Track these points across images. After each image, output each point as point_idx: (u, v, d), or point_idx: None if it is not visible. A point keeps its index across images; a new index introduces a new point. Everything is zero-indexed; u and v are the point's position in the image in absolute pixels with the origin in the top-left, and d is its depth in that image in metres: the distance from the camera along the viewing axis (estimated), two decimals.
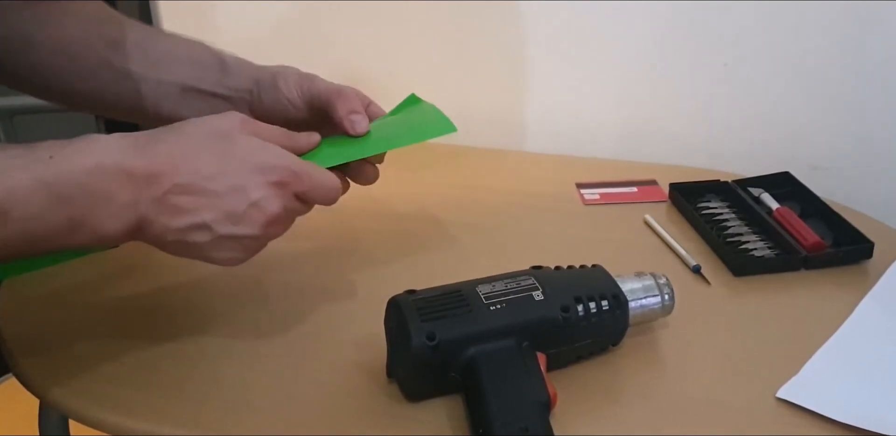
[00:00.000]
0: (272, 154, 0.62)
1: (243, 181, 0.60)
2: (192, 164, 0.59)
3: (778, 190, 0.92)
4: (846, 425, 0.61)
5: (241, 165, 0.60)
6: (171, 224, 0.59)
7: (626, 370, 0.68)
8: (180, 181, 0.58)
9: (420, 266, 0.82)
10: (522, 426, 0.58)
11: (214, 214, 0.59)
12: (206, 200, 0.59)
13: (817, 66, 0.99)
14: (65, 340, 0.71)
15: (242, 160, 0.60)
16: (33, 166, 0.55)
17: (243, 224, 0.60)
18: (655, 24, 1.02)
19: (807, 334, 0.72)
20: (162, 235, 0.60)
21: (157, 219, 0.59)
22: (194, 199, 0.59)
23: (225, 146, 0.60)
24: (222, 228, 0.60)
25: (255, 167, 0.60)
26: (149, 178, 0.58)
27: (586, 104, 1.10)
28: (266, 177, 0.60)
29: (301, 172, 0.62)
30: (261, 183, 0.60)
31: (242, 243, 0.61)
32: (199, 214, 0.59)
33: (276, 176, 0.61)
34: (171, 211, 0.59)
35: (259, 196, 0.60)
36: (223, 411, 0.64)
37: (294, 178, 0.62)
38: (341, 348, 0.70)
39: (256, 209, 0.60)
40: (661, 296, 0.69)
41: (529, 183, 1.00)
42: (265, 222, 0.61)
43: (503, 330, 0.62)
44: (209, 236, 0.60)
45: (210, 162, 0.59)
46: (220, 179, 0.59)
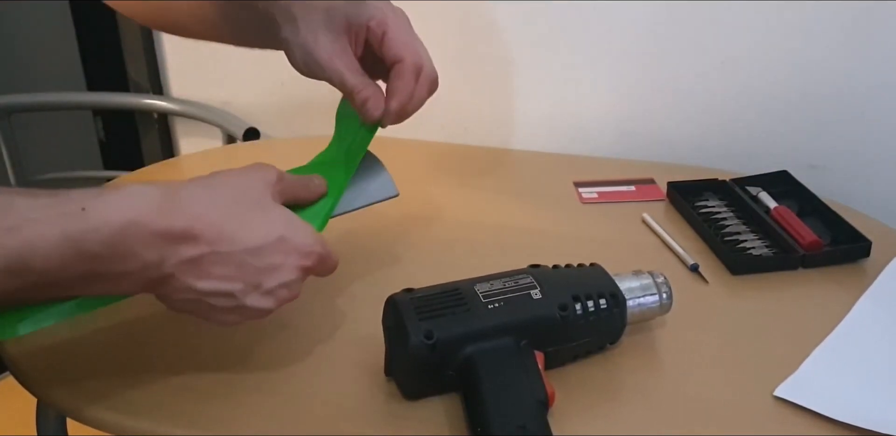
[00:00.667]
0: (311, 239, 0.61)
1: (281, 261, 0.60)
2: (236, 234, 0.58)
3: (776, 189, 0.92)
4: (843, 423, 0.62)
5: (280, 245, 0.59)
6: (196, 285, 0.58)
7: (623, 369, 0.68)
8: (220, 249, 0.57)
9: (418, 265, 0.82)
10: (520, 425, 0.58)
11: (245, 286, 0.59)
12: (242, 272, 0.58)
13: (815, 65, 0.99)
14: (62, 338, 0.71)
15: (282, 240, 0.60)
16: (62, 221, 0.53)
17: (267, 299, 0.60)
18: (653, 23, 1.02)
19: (804, 333, 0.72)
20: (181, 292, 0.59)
21: (183, 278, 0.57)
22: (230, 269, 0.58)
23: (266, 218, 0.60)
24: (247, 300, 0.59)
25: (295, 250, 0.60)
26: (184, 238, 0.56)
27: (584, 103, 1.10)
28: (301, 261, 0.61)
29: (325, 257, 0.63)
30: (296, 266, 0.60)
31: (253, 313, 0.61)
32: (230, 283, 0.58)
33: (311, 261, 0.61)
34: (202, 274, 0.58)
35: (291, 279, 0.60)
36: (221, 409, 0.64)
37: (321, 264, 0.63)
38: (339, 346, 0.70)
39: (285, 289, 0.61)
40: (659, 295, 0.69)
41: (527, 181, 1.00)
42: (286, 300, 0.62)
43: (501, 329, 0.62)
44: (231, 303, 0.60)
45: (252, 235, 0.58)
46: (260, 254, 0.59)
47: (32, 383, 0.67)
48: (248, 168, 0.63)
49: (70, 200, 0.54)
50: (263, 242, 0.59)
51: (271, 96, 1.24)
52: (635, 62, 1.05)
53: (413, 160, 1.06)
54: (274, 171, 0.63)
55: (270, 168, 0.63)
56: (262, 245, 0.59)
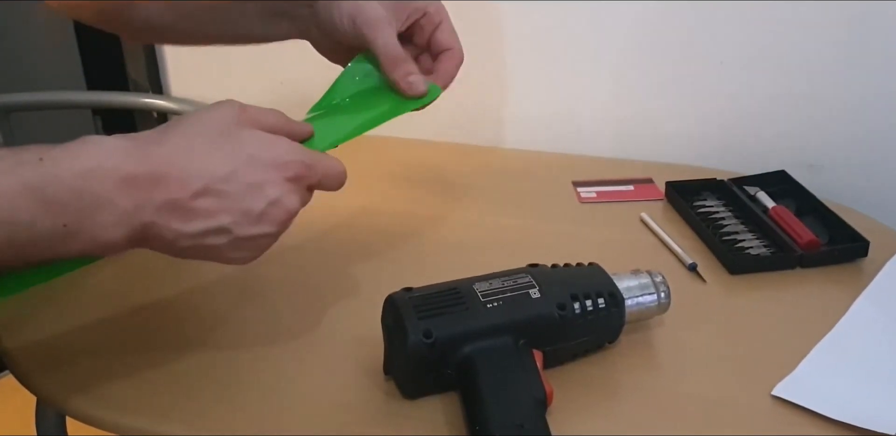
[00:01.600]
0: (284, 148, 0.59)
1: (259, 178, 0.57)
2: (203, 166, 0.56)
3: (774, 188, 0.93)
4: (841, 422, 0.62)
5: (254, 162, 0.57)
6: (184, 229, 0.56)
7: (622, 368, 0.68)
8: (191, 186, 0.55)
9: (417, 264, 0.82)
10: (519, 424, 0.58)
11: (233, 216, 0.57)
12: (223, 202, 0.56)
13: (813, 65, 0.99)
14: (62, 338, 0.71)
15: (254, 157, 0.57)
16: (20, 169, 0.52)
17: (263, 223, 0.58)
18: (652, 22, 1.02)
19: (802, 332, 0.72)
20: (174, 241, 0.57)
21: (168, 225, 0.56)
22: (210, 201, 0.56)
23: (233, 143, 0.58)
24: (241, 230, 0.57)
25: (270, 163, 0.58)
26: (154, 182, 0.54)
27: (583, 102, 1.10)
28: (282, 173, 0.58)
29: (313, 164, 0.60)
30: (278, 180, 0.58)
31: (259, 243, 0.60)
32: (216, 218, 0.56)
33: (293, 171, 0.59)
34: (184, 216, 0.56)
35: (278, 193, 0.58)
36: (220, 408, 0.64)
37: (308, 171, 0.60)
38: (338, 345, 0.70)
39: (276, 207, 0.58)
40: (658, 294, 0.69)
41: (526, 181, 1.00)
42: (285, 219, 0.59)
43: (500, 328, 0.62)
44: (227, 239, 0.58)
45: (222, 162, 0.56)
46: (234, 178, 0.56)
47: (32, 381, 0.67)
48: (207, 106, 0.61)
49: (26, 151, 0.53)
50: (233, 166, 0.56)
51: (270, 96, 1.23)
52: (634, 62, 1.05)
53: (412, 160, 1.06)
54: (234, 103, 0.60)
55: (230, 101, 0.61)
56: (232, 169, 0.56)
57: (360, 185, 0.98)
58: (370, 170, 1.03)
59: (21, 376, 0.68)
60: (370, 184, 0.99)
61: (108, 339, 0.71)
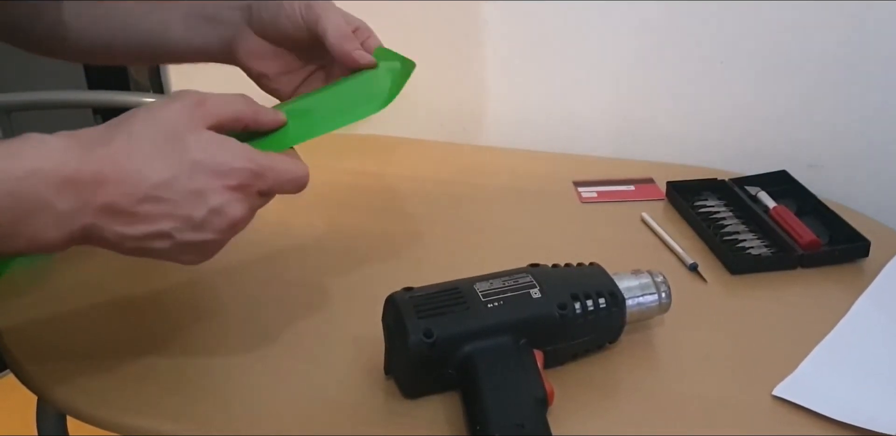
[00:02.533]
0: (229, 154, 0.57)
1: (200, 186, 0.55)
2: (145, 170, 0.54)
3: (775, 188, 0.93)
4: (842, 423, 0.62)
5: (195, 169, 0.55)
6: (126, 232, 0.55)
7: (622, 368, 0.68)
8: (129, 190, 0.54)
9: (417, 263, 0.83)
10: (519, 423, 0.58)
11: (173, 222, 0.55)
12: (163, 207, 0.55)
13: (815, 65, 0.99)
14: (63, 337, 0.71)
15: (196, 164, 0.55)
16: None
17: (204, 230, 0.57)
18: (653, 22, 1.02)
19: (803, 333, 0.72)
20: (118, 243, 0.56)
21: (109, 227, 0.55)
22: (151, 207, 0.55)
23: (175, 148, 0.55)
24: (183, 236, 0.56)
25: (212, 171, 0.56)
26: (95, 184, 0.53)
27: (584, 102, 1.10)
28: (224, 181, 0.56)
29: (262, 171, 0.58)
30: (219, 188, 0.56)
31: (203, 248, 0.58)
32: (156, 223, 0.55)
33: (236, 180, 0.56)
34: (125, 219, 0.55)
35: (219, 202, 0.56)
36: (220, 408, 0.64)
37: (255, 178, 0.58)
38: (339, 345, 0.70)
39: (217, 215, 0.56)
40: (658, 294, 0.69)
41: (527, 181, 1.00)
42: (228, 227, 0.57)
43: (500, 327, 0.62)
44: (169, 243, 0.56)
45: (161, 168, 0.55)
46: (173, 185, 0.55)
47: (33, 381, 0.67)
48: (163, 101, 0.58)
49: None
50: (175, 172, 0.55)
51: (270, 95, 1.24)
52: (636, 62, 1.05)
53: (412, 159, 1.06)
54: (190, 97, 0.58)
55: (186, 94, 0.58)
56: (173, 175, 0.55)
57: (361, 184, 0.98)
58: (371, 170, 1.03)
59: (22, 376, 0.68)
60: (371, 183, 0.99)
61: (109, 339, 0.71)
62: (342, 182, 0.99)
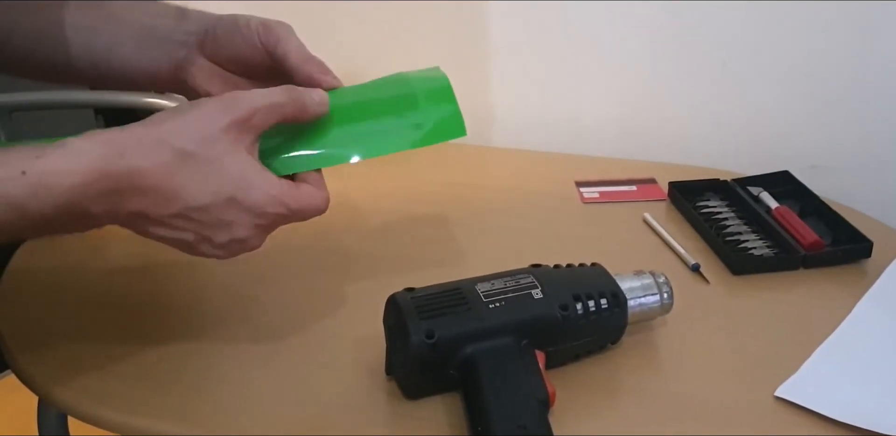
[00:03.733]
0: (264, 197, 0.59)
1: (231, 218, 0.58)
2: (179, 193, 0.57)
3: (777, 189, 0.92)
4: (844, 424, 0.62)
5: (229, 206, 0.58)
6: (150, 231, 0.59)
7: (624, 369, 0.68)
8: (163, 205, 0.57)
9: (419, 264, 0.82)
10: (521, 424, 0.58)
11: (195, 237, 0.59)
12: (190, 225, 0.58)
13: (817, 65, 0.99)
14: (64, 337, 0.71)
15: (234, 199, 0.58)
16: (2, 184, 0.52)
17: (222, 250, 0.61)
18: (654, 22, 1.02)
19: (805, 333, 0.72)
20: (143, 234, 0.60)
21: (136, 226, 0.59)
22: (178, 222, 0.58)
23: (215, 175, 0.57)
24: (201, 248, 0.60)
25: (248, 210, 0.59)
26: (132, 195, 0.56)
27: (586, 102, 1.10)
28: (256, 220, 0.59)
29: (291, 214, 0.61)
30: (249, 224, 0.59)
31: (218, 257, 0.62)
32: (181, 234, 0.59)
33: (266, 221, 0.60)
34: (153, 224, 0.58)
35: (245, 235, 0.60)
36: (221, 408, 0.64)
37: (284, 220, 0.61)
38: (340, 345, 0.70)
39: (239, 244, 0.60)
40: (660, 294, 0.69)
41: (528, 181, 1.00)
42: (240, 251, 0.62)
43: (502, 328, 0.62)
44: (188, 248, 0.61)
45: (198, 195, 0.57)
46: (207, 212, 0.58)
47: (34, 381, 0.67)
48: (210, 107, 0.59)
49: (10, 162, 0.52)
50: (210, 202, 0.57)
51: None
52: (637, 62, 1.05)
53: (414, 160, 1.06)
54: (234, 108, 0.59)
55: (232, 103, 0.59)
56: (207, 204, 0.57)
57: (362, 185, 0.98)
58: (373, 170, 1.02)
59: (23, 376, 0.68)
60: (372, 184, 0.99)
61: (111, 339, 0.71)
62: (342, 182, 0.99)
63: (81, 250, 0.84)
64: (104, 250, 0.84)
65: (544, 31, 1.07)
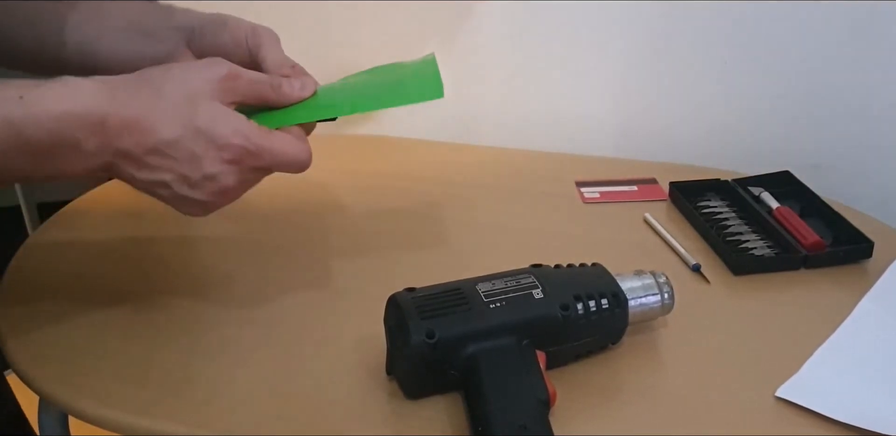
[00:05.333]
0: (229, 129, 0.61)
1: (199, 153, 0.61)
2: (155, 125, 0.60)
3: (778, 189, 0.92)
4: (845, 424, 0.62)
5: (197, 135, 0.61)
6: (136, 175, 0.61)
7: (625, 369, 0.68)
8: (143, 141, 0.60)
9: (419, 264, 0.82)
10: (521, 424, 0.58)
11: (172, 175, 0.61)
12: (166, 162, 0.61)
13: (817, 65, 0.99)
14: (64, 336, 0.71)
15: (198, 130, 0.61)
16: (1, 105, 0.56)
17: (197, 190, 0.62)
18: (655, 22, 1.02)
19: (806, 333, 0.72)
20: (130, 181, 0.62)
21: (124, 168, 0.61)
22: (156, 159, 0.61)
23: (188, 112, 0.61)
24: (179, 189, 0.62)
25: (211, 142, 0.61)
26: (119, 129, 0.59)
27: (586, 102, 1.10)
28: (221, 153, 0.61)
29: (258, 150, 0.62)
30: (216, 158, 0.61)
31: (199, 205, 0.64)
32: (159, 173, 0.61)
33: (230, 154, 0.61)
34: (137, 164, 0.61)
35: (214, 171, 0.61)
36: (222, 408, 0.64)
37: (249, 156, 0.62)
38: (341, 345, 0.70)
39: (210, 181, 0.62)
40: (661, 295, 0.69)
41: (529, 181, 1.00)
42: (218, 192, 0.63)
43: (503, 328, 0.62)
44: (169, 193, 0.63)
45: (172, 127, 0.60)
46: (177, 146, 0.60)
47: (35, 381, 0.67)
48: (199, 63, 0.65)
49: (9, 87, 0.57)
50: (181, 133, 0.60)
51: None
52: (637, 62, 1.05)
53: (414, 159, 1.06)
54: (224, 67, 0.63)
55: (221, 64, 0.64)
56: (178, 136, 0.60)
57: (361, 184, 0.98)
58: (372, 169, 1.03)
59: (24, 376, 0.68)
60: (372, 183, 0.99)
61: (112, 339, 0.71)
62: (343, 182, 0.99)
63: (82, 250, 0.84)
64: (104, 251, 0.84)
65: (545, 30, 1.07)
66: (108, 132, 0.59)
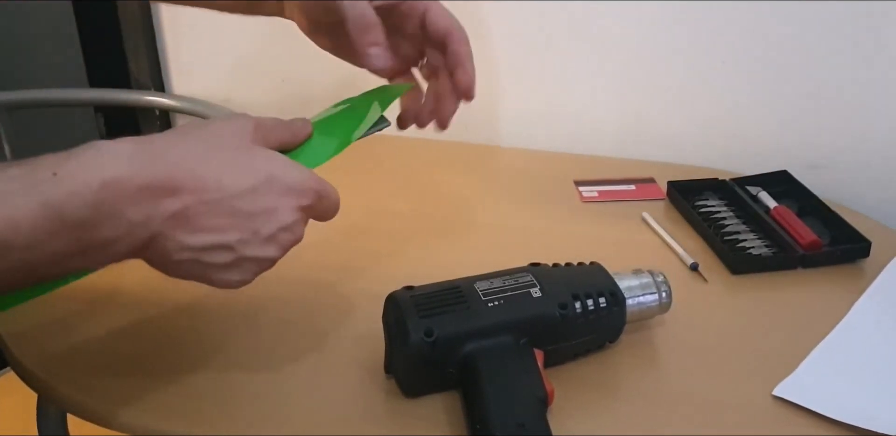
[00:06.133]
0: (299, 174, 0.57)
1: (275, 203, 0.56)
2: (221, 178, 0.54)
3: (776, 188, 0.93)
4: (842, 423, 0.62)
5: (271, 186, 0.55)
6: (188, 241, 0.54)
7: (623, 368, 0.68)
8: (206, 198, 0.53)
9: (418, 262, 0.82)
10: (520, 423, 0.58)
11: (242, 234, 0.55)
12: (235, 220, 0.55)
13: (816, 65, 0.99)
14: (64, 334, 0.71)
15: (272, 179, 0.56)
16: (37, 189, 0.49)
17: (270, 247, 0.57)
18: (654, 22, 1.02)
19: (803, 333, 0.72)
20: (175, 252, 0.55)
21: (173, 235, 0.54)
22: (222, 219, 0.54)
23: (250, 161, 0.56)
24: (248, 250, 0.56)
25: (287, 189, 0.56)
26: (166, 191, 0.52)
27: (585, 102, 1.10)
28: (298, 200, 0.57)
29: (323, 193, 0.59)
30: (293, 206, 0.57)
31: (261, 265, 0.58)
32: (224, 234, 0.55)
33: (308, 200, 0.58)
34: (193, 228, 0.54)
35: (291, 220, 0.57)
36: (220, 406, 0.64)
37: (318, 200, 0.59)
38: (339, 343, 0.70)
39: (287, 232, 0.57)
40: (659, 294, 0.69)
41: (527, 180, 1.00)
42: (290, 245, 0.58)
43: (501, 327, 0.63)
44: (230, 257, 0.56)
45: (241, 177, 0.54)
46: (250, 198, 0.55)
47: (34, 378, 0.67)
48: (223, 117, 0.59)
49: (40, 167, 0.50)
50: (253, 184, 0.55)
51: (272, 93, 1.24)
52: (636, 61, 1.05)
53: (414, 158, 1.06)
54: (251, 118, 0.59)
55: (246, 116, 0.59)
56: (251, 187, 0.55)
57: (361, 183, 0.98)
58: (371, 168, 1.03)
59: (22, 374, 0.68)
60: (371, 182, 0.99)
61: (109, 336, 0.71)
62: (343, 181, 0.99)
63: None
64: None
65: (545, 30, 1.07)
66: (156, 195, 0.52)
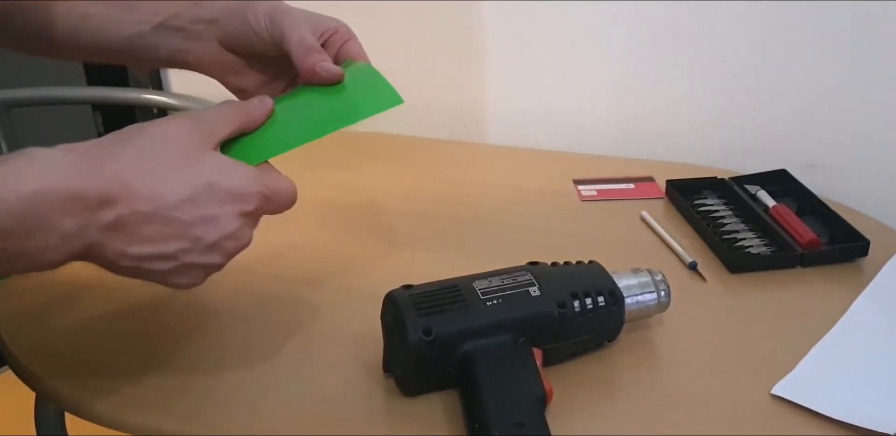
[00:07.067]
0: (241, 179, 0.56)
1: (216, 211, 0.55)
2: (154, 188, 0.53)
3: (774, 187, 0.93)
4: (840, 422, 0.62)
5: (210, 194, 0.55)
6: (128, 251, 0.54)
7: (621, 366, 0.68)
8: (142, 208, 0.53)
9: (416, 261, 0.82)
10: (518, 422, 0.58)
11: (182, 244, 0.55)
12: (173, 230, 0.54)
13: (815, 64, 0.99)
14: (62, 333, 0.71)
15: (211, 187, 0.55)
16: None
17: (214, 254, 0.56)
18: (653, 21, 1.02)
19: (802, 332, 0.72)
20: (115, 260, 0.55)
21: (110, 245, 0.53)
22: (160, 228, 0.54)
23: (187, 167, 0.55)
24: (190, 258, 0.56)
25: (228, 195, 0.55)
26: (101, 202, 0.52)
27: (584, 101, 1.10)
28: (240, 206, 0.56)
29: (270, 195, 0.58)
30: (234, 214, 0.56)
31: (207, 270, 0.58)
32: (165, 244, 0.54)
33: (251, 205, 0.57)
34: (130, 238, 0.53)
35: (234, 228, 0.56)
36: (218, 405, 0.64)
37: (265, 202, 0.58)
38: (338, 342, 0.70)
39: (231, 240, 0.56)
40: (657, 292, 0.69)
41: (526, 179, 1.00)
42: (235, 251, 0.58)
43: (499, 325, 0.62)
44: (172, 265, 0.56)
45: (175, 187, 0.54)
46: (188, 207, 0.54)
47: (32, 377, 0.67)
48: (163, 120, 0.57)
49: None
50: (190, 193, 0.54)
51: None
52: (636, 60, 1.05)
53: (413, 157, 1.06)
54: (189, 118, 0.57)
55: (184, 114, 0.58)
56: (188, 197, 0.54)
57: (359, 182, 0.98)
58: (371, 167, 1.03)
59: (21, 373, 0.68)
60: (370, 181, 0.99)
61: (108, 335, 0.71)
62: (342, 180, 0.99)
63: None
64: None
65: (543, 29, 1.07)
66: (89, 206, 0.51)
